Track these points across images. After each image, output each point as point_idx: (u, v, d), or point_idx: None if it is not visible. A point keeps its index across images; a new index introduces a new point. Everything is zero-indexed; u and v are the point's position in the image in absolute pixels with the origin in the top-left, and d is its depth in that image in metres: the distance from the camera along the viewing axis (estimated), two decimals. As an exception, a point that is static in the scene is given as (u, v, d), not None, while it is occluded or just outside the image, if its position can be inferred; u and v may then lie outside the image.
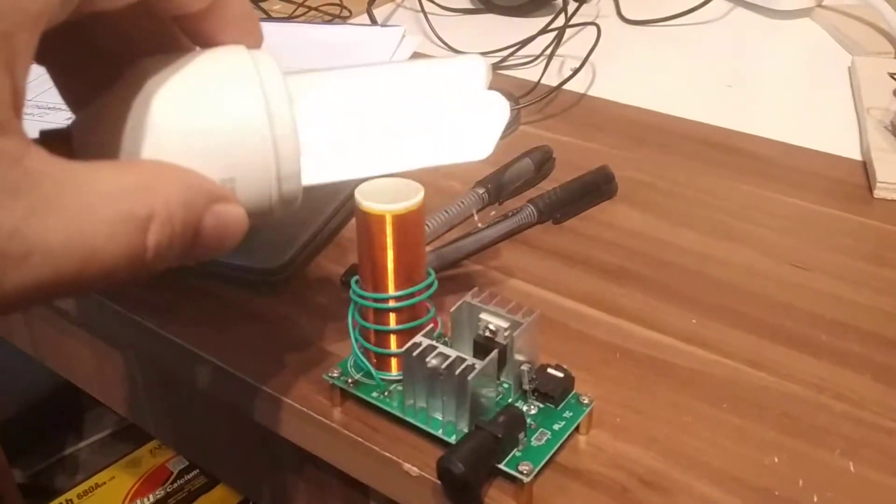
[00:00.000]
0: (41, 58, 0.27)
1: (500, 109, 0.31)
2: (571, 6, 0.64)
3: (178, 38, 0.28)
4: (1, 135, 0.20)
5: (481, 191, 0.46)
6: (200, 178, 0.25)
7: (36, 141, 0.25)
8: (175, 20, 0.27)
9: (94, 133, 0.25)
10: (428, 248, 0.42)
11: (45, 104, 0.54)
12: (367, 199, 0.30)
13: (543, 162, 0.49)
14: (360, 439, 0.32)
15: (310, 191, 0.44)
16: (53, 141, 0.25)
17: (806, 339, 0.37)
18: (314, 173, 0.29)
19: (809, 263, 0.42)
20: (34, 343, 0.55)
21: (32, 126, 0.53)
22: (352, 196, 0.44)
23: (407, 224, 0.30)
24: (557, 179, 0.48)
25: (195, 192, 0.24)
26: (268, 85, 0.26)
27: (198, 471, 1.06)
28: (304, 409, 0.34)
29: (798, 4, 0.73)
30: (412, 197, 0.30)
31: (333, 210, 0.44)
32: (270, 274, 0.40)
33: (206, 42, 0.27)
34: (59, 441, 1.30)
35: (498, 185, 0.47)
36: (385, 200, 0.30)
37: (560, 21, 0.63)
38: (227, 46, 0.27)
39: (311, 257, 0.42)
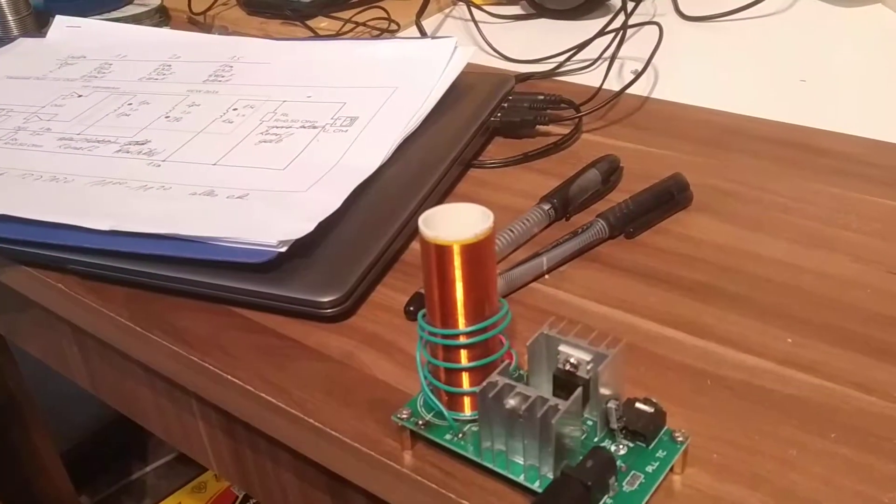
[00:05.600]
0: None
1: None
2: (629, 6, 0.61)
3: None
4: None
5: (547, 206, 0.43)
6: None
7: None
8: None
9: None
10: (494, 271, 0.40)
11: (95, 137, 0.53)
12: (432, 228, 0.28)
13: (611, 172, 0.46)
14: (432, 485, 0.30)
15: (369, 212, 0.43)
16: None
17: (918, 357, 0.34)
18: None
19: (912, 271, 0.39)
20: (92, 380, 0.54)
21: (82, 160, 0.51)
22: (412, 217, 0.42)
23: (477, 254, 0.28)
24: (627, 190, 0.45)
25: None
26: None
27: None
28: (372, 453, 0.32)
29: (868, -10, 0.69)
30: (481, 223, 0.28)
31: (394, 232, 0.42)
32: (329, 306, 0.37)
33: None
34: (125, 467, 1.30)
35: (564, 199, 0.44)
36: (451, 228, 0.28)
37: (618, 22, 0.60)
38: None
39: (373, 284, 0.40)
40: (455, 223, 0.28)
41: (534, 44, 0.67)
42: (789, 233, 0.42)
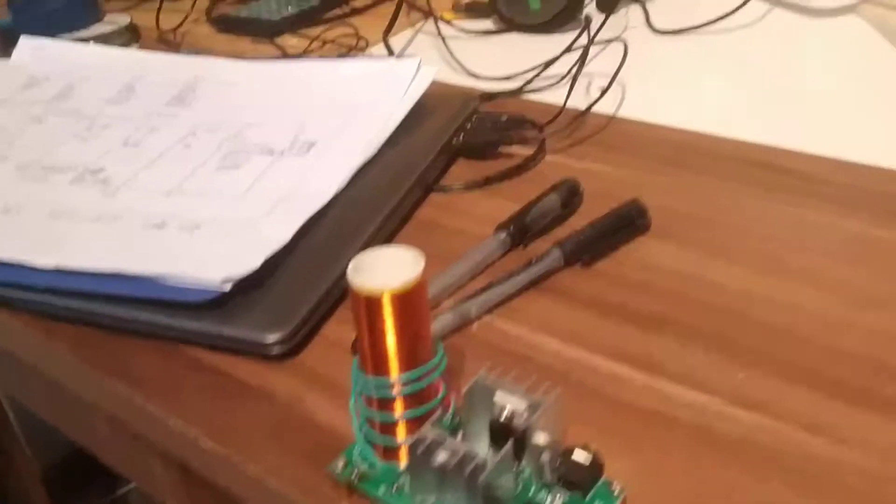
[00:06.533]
0: None
1: None
2: (599, 19, 0.61)
3: None
4: None
5: (503, 235, 0.43)
6: None
7: None
8: None
9: None
10: (446, 304, 0.39)
11: (52, 165, 0.52)
12: (361, 275, 0.27)
13: (571, 197, 0.46)
14: (370, 537, 0.29)
15: (318, 247, 0.42)
16: None
17: (869, 394, 0.33)
18: None
19: (871, 298, 0.38)
20: (53, 411, 0.53)
21: (36, 190, 0.50)
22: (368, 245, 0.42)
23: (408, 301, 0.27)
24: (587, 214, 0.45)
25: None
26: None
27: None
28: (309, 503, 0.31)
29: (841, 1, 0.68)
30: (411, 267, 0.27)
31: (343, 267, 0.41)
32: (274, 346, 0.37)
33: None
34: (108, 484, 1.29)
35: (521, 226, 0.43)
36: (380, 274, 0.27)
37: (585, 38, 0.59)
38: None
39: (321, 321, 0.39)
40: (385, 269, 0.28)
41: (504, 59, 0.66)
42: (746, 258, 0.42)
